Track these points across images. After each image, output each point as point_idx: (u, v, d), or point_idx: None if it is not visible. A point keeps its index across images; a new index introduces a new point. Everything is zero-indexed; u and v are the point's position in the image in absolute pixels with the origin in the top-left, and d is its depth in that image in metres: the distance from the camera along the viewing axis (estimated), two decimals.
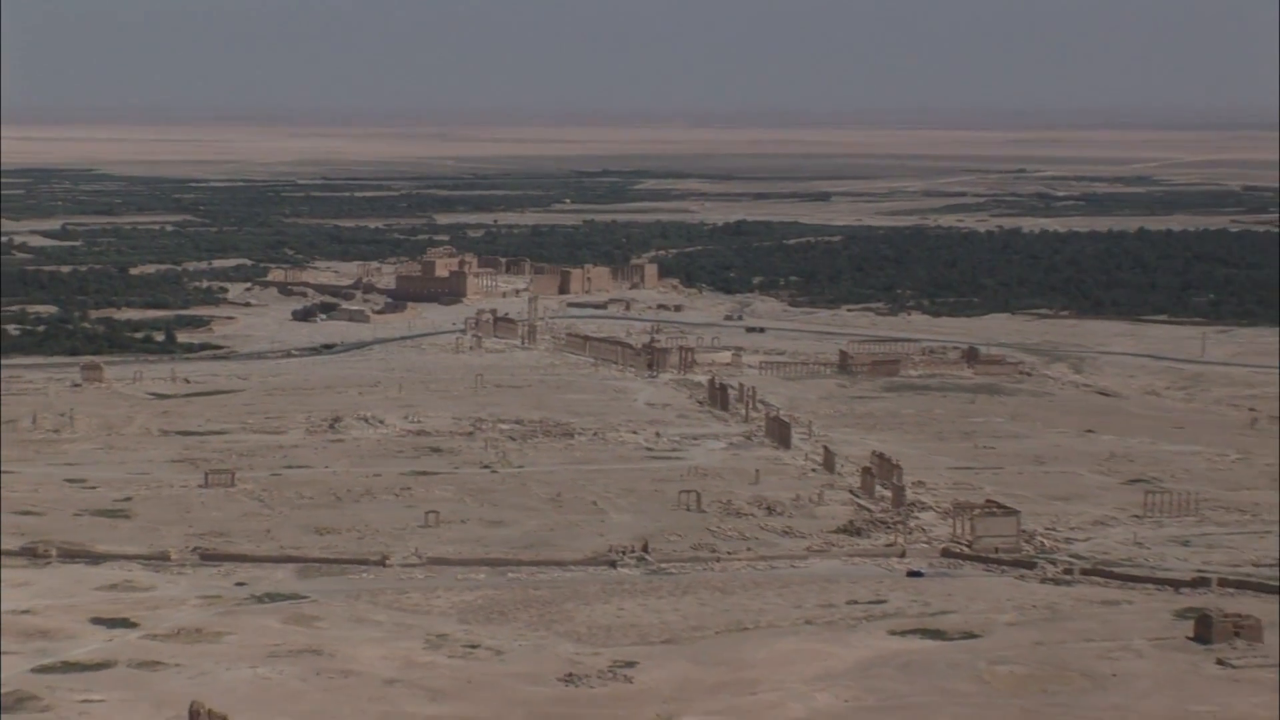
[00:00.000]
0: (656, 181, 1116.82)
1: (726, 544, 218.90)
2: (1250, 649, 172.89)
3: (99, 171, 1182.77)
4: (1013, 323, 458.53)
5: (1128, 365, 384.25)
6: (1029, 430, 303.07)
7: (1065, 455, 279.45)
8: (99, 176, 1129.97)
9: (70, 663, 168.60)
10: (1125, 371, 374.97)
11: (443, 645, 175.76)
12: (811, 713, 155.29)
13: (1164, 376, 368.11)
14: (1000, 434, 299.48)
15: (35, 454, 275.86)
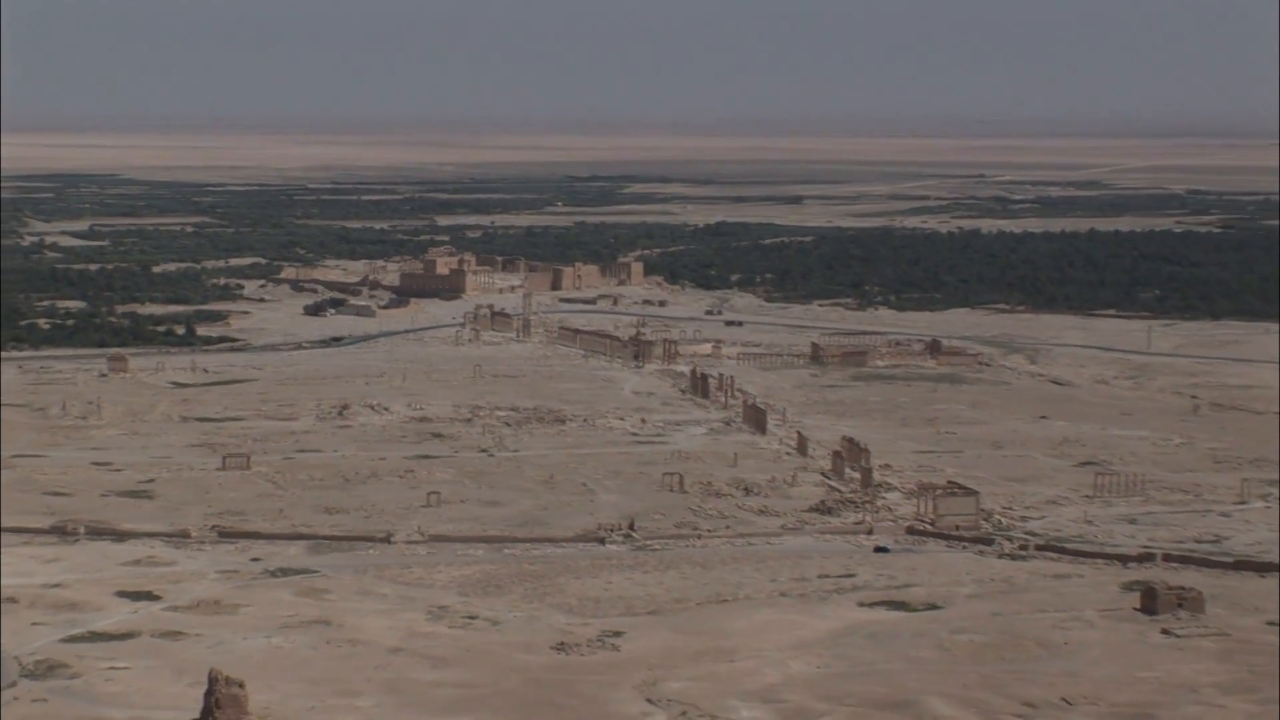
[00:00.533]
0: (642, 186, 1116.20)
1: (707, 522, 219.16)
2: (1193, 619, 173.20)
3: (124, 176, 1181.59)
4: (972, 317, 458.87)
5: (1079, 356, 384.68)
6: (987, 417, 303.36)
7: (1021, 440, 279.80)
8: (124, 181, 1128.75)
9: (97, 633, 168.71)
10: (1077, 362, 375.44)
11: (443, 616, 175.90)
12: (786, 679, 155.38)
13: (1112, 367, 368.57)
14: (961, 420, 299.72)
15: (65, 439, 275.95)
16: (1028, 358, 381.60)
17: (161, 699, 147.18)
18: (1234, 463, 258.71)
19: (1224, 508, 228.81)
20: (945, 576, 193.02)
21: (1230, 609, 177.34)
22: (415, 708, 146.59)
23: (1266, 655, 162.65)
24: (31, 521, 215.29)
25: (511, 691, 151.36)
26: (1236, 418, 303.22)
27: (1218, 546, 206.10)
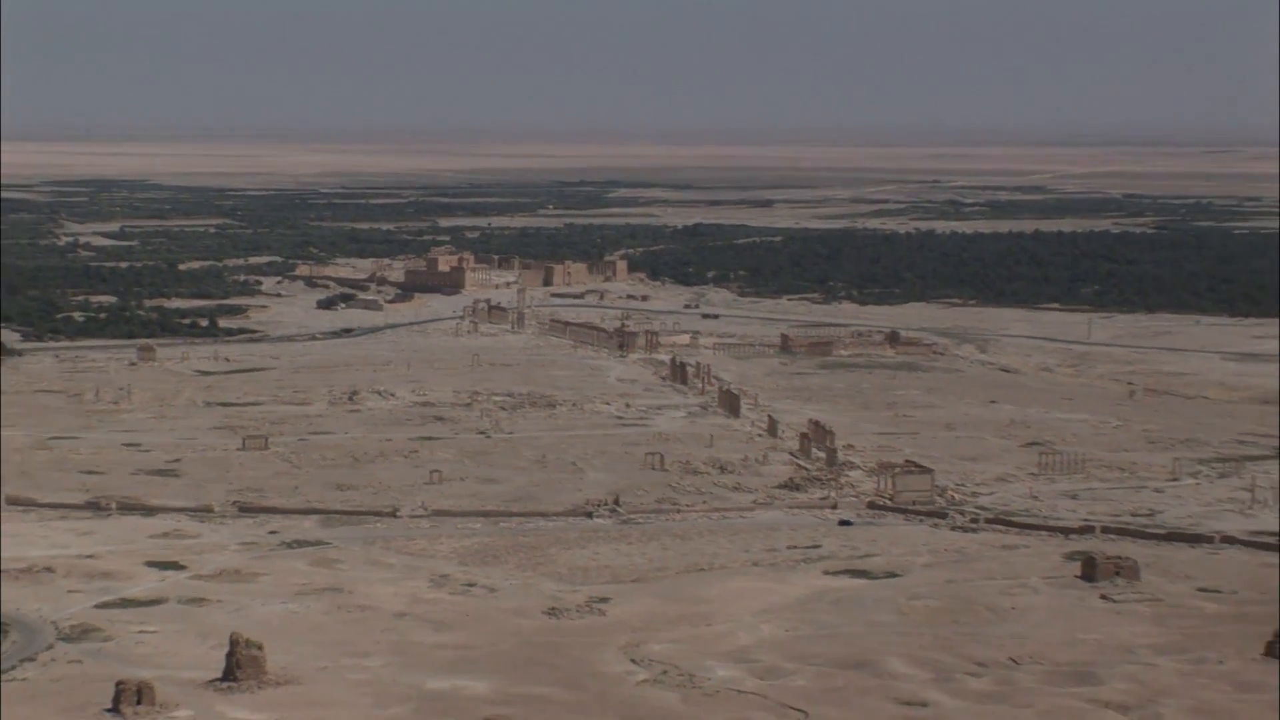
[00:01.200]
0: (626, 190, 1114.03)
1: (685, 498, 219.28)
2: (1129, 586, 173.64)
3: (151, 182, 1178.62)
4: (928, 310, 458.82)
5: (1025, 346, 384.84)
6: (941, 401, 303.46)
7: (972, 422, 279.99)
8: (151, 186, 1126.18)
9: (128, 599, 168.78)
10: (1023, 351, 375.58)
11: (445, 584, 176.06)
12: (757, 641, 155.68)
13: (1055, 355, 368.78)
14: (918, 404, 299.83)
15: (98, 422, 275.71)
16: (978, 347, 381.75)
17: (187, 660, 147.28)
18: (1166, 443, 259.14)
19: (1157, 484, 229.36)
20: (903, 547, 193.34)
21: (1163, 577, 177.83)
22: (419, 667, 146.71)
23: (1196, 619, 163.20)
24: (68, 497, 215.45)
25: (507, 652, 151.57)
26: (1169, 402, 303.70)
27: (1152, 520, 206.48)
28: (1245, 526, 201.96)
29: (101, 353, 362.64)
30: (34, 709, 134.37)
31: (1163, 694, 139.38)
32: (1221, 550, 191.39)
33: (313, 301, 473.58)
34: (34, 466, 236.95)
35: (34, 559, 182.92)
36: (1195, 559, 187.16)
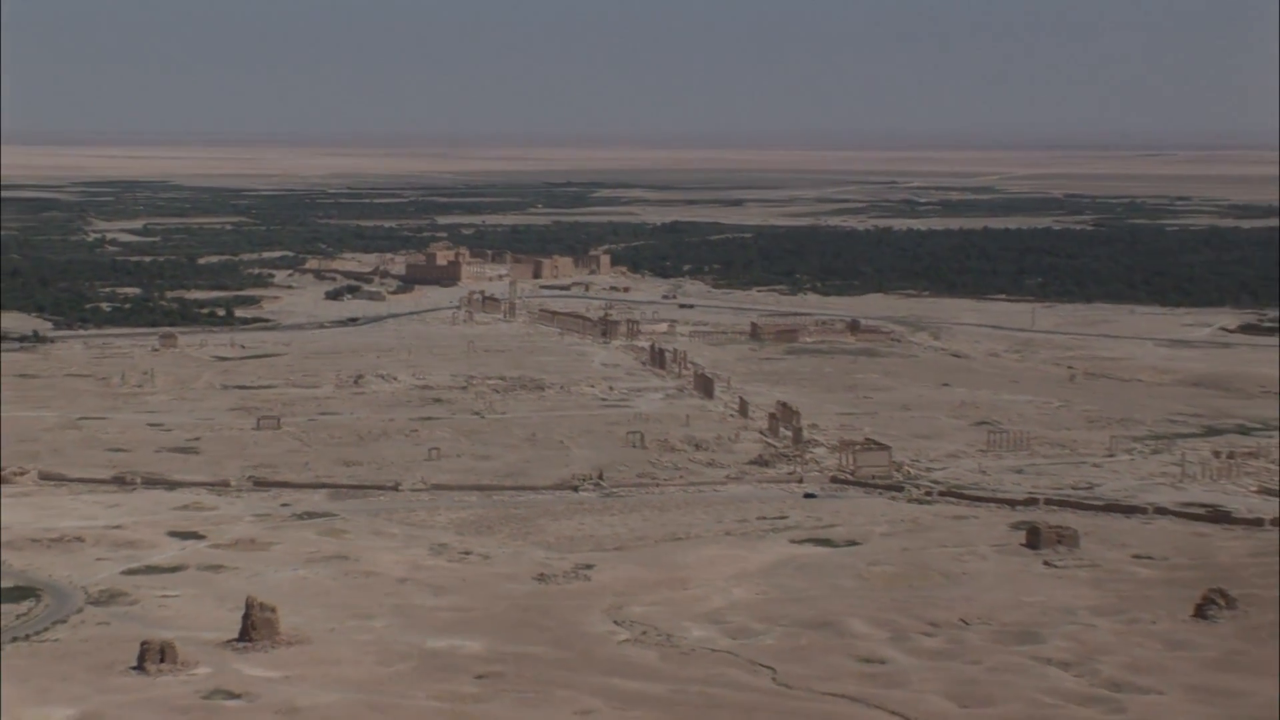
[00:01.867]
0: (609, 191, 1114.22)
1: (663, 473, 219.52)
2: (1070, 553, 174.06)
3: (172, 183, 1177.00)
4: (886, 300, 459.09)
5: (974, 333, 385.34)
6: (898, 384, 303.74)
7: (926, 403, 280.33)
8: (172, 187, 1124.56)
9: (152, 566, 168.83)
10: (973, 338, 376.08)
11: (443, 552, 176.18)
12: (730, 604, 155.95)
13: (1002, 342, 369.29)
14: (876, 387, 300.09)
15: (123, 404, 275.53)
16: (932, 335, 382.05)
17: (206, 622, 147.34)
18: (1104, 422, 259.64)
19: (1095, 460, 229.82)
20: (863, 518, 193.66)
21: (1101, 544, 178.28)
22: (419, 628, 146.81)
23: (1131, 584, 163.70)
24: (96, 473, 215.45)
25: (500, 615, 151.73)
26: (1106, 385, 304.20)
27: (1090, 492, 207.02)
28: (1176, 498, 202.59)
29: (127, 340, 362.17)
30: (65, 667, 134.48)
31: (1100, 652, 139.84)
32: (1154, 520, 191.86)
33: (321, 293, 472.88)
34: (64, 444, 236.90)
35: (65, 529, 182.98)
36: (1130, 528, 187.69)
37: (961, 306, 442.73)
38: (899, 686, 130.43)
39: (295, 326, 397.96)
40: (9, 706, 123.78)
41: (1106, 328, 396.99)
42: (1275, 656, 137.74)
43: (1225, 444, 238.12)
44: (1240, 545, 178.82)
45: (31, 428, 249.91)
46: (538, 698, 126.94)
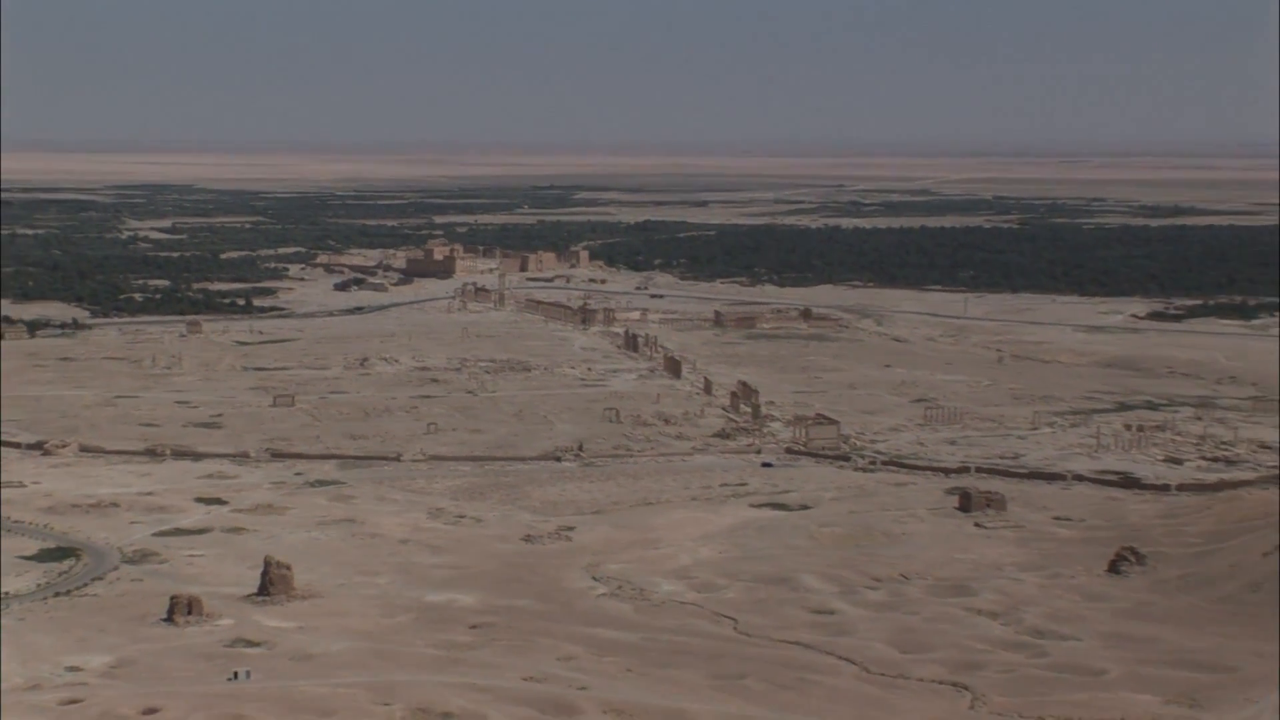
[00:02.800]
0: (588, 193, 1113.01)
1: (636, 445, 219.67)
2: (998, 515, 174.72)
3: (197, 186, 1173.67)
4: (835, 291, 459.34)
5: (913, 320, 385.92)
6: (846, 365, 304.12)
7: (871, 383, 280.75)
8: (198, 190, 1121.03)
9: (180, 529, 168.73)
10: (912, 324, 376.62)
11: (440, 516, 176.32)
12: (696, 561, 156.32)
13: (938, 328, 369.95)
14: (826, 368, 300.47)
15: (154, 384, 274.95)
16: (876, 321, 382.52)
17: (228, 578, 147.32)
18: (1028, 399, 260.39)
19: (1021, 432, 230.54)
20: (814, 484, 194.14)
21: (1025, 508, 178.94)
22: (419, 584, 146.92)
23: (1052, 542, 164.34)
24: (129, 445, 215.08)
25: (491, 572, 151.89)
26: (1030, 366, 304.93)
27: (1016, 461, 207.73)
28: (1092, 467, 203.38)
29: (157, 327, 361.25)
30: (103, 619, 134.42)
31: (1025, 603, 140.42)
32: (1072, 486, 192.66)
33: (330, 285, 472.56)
34: (102, 420, 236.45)
35: (101, 496, 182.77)
36: (1051, 493, 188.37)
37: (902, 296, 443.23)
38: (846, 635, 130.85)
39: (307, 315, 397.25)
40: (52, 654, 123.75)
41: (1030, 315, 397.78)
42: (1181, 607, 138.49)
43: (1135, 418, 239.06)
44: (1149, 508, 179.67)
45: (72, 405, 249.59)
46: (525, 645, 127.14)
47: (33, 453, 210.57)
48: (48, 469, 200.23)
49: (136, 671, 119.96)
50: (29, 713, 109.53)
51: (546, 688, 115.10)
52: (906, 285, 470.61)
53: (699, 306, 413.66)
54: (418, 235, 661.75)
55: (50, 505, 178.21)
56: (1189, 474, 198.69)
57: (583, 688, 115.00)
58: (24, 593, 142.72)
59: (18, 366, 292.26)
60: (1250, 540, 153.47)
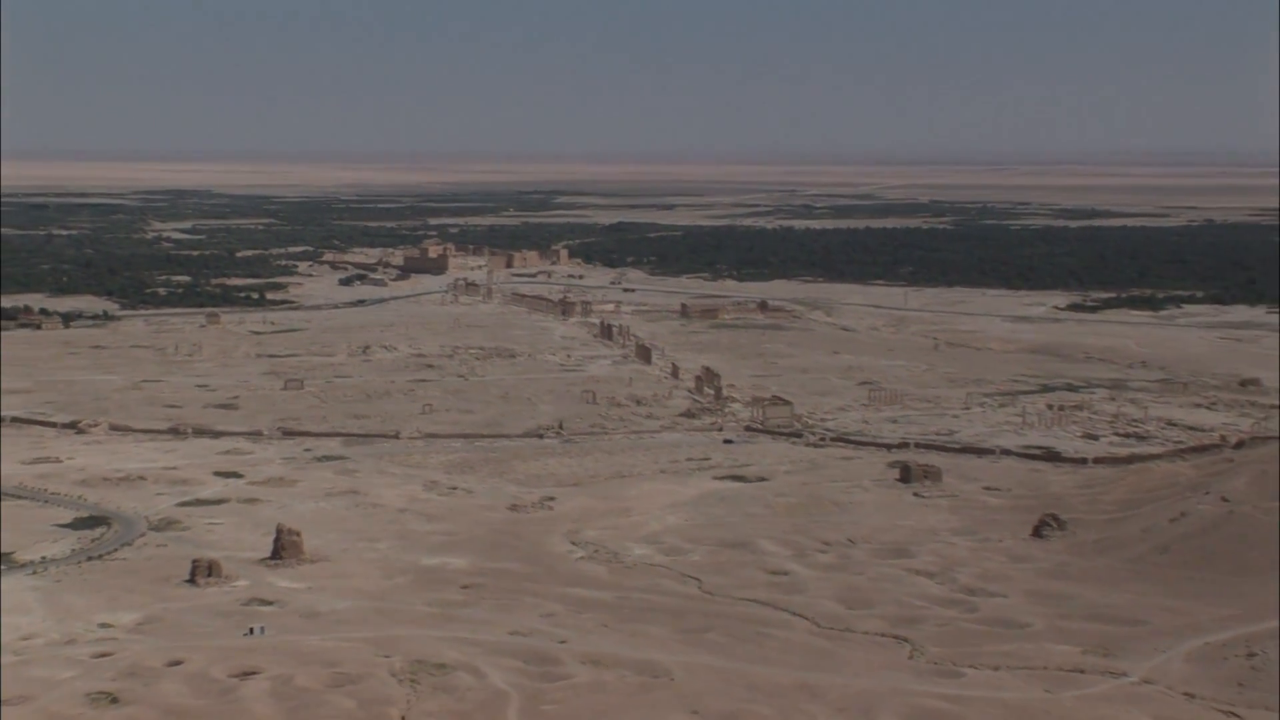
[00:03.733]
0: (567, 197, 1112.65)
1: (611, 423, 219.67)
2: (935, 486, 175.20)
3: (215, 191, 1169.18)
4: (789, 285, 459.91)
5: (859, 311, 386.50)
6: (799, 352, 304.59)
7: (820, 367, 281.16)
8: (215, 194, 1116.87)
9: (200, 500, 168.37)
10: (857, 315, 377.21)
11: (435, 487, 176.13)
12: (664, 528, 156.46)
13: (881, 318, 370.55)
14: (781, 355, 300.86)
15: (177, 369, 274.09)
16: (825, 312, 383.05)
17: (244, 544, 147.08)
18: (961, 382, 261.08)
19: (955, 412, 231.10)
20: (770, 459, 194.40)
21: (958, 479, 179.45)
22: (416, 549, 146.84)
23: (982, 510, 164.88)
24: (155, 425, 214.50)
25: (481, 537, 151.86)
26: (963, 352, 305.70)
27: (950, 437, 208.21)
28: (1018, 442, 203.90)
29: (179, 318, 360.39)
30: (132, 580, 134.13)
31: (958, 564, 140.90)
32: (1001, 460, 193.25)
33: (335, 280, 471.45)
34: (130, 402, 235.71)
35: (130, 470, 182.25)
36: (982, 466, 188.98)
37: (848, 290, 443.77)
38: (799, 593, 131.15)
39: (314, 307, 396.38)
40: (86, 612, 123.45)
41: (963, 306, 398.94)
42: (1097, 567, 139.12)
43: (1056, 399, 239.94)
44: (1068, 479, 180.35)
45: (103, 388, 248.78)
46: (511, 604, 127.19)
47: (67, 431, 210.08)
48: (81, 446, 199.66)
49: (162, 628, 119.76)
50: (65, 665, 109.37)
51: (530, 641, 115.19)
52: (852, 280, 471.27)
53: (667, 299, 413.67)
54: (414, 235, 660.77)
55: (83, 478, 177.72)
56: (1104, 448, 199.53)
57: (563, 641, 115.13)
58: (60, 557, 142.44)
59: (54, 354, 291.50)
60: (1159, 508, 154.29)
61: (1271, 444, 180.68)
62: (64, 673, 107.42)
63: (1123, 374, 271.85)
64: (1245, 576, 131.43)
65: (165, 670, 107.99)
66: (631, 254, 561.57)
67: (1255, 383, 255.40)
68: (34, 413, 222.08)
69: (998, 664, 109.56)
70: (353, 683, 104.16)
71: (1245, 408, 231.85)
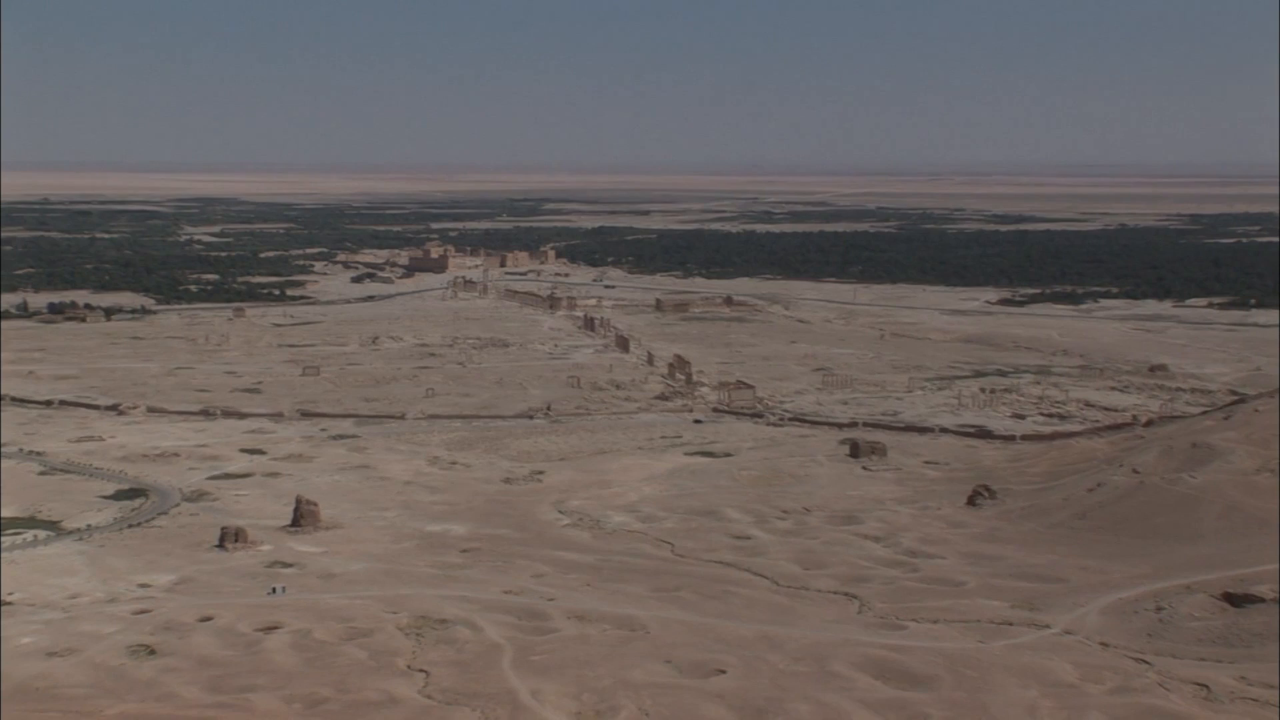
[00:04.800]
0: (554, 204, 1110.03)
1: (593, 405, 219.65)
2: (881, 460, 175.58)
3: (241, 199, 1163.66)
4: (751, 282, 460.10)
5: (814, 306, 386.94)
6: (760, 342, 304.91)
7: (780, 356, 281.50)
8: (241, 202, 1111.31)
9: (228, 474, 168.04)
10: (812, 309, 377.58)
11: (437, 462, 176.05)
12: (641, 498, 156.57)
13: (834, 311, 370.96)
14: (744, 344, 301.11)
15: (207, 357, 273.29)
16: (784, 306, 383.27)
17: (268, 513, 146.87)
18: (904, 368, 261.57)
19: (898, 394, 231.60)
20: (735, 436, 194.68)
21: (902, 454, 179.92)
22: (420, 517, 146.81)
23: (923, 481, 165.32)
24: (187, 407, 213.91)
25: (478, 507, 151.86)
26: (906, 342, 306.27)
27: (895, 417, 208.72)
28: (954, 421, 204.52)
29: (209, 312, 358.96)
30: (168, 545, 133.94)
31: (901, 530, 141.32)
32: (939, 437, 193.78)
33: (347, 278, 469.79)
34: (165, 387, 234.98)
35: (165, 447, 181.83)
36: (922, 443, 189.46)
37: (804, 286, 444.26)
38: (760, 555, 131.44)
39: (329, 302, 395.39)
40: (127, 574, 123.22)
41: (906, 301, 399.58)
42: (1023, 532, 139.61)
43: (988, 383, 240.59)
44: (998, 454, 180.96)
45: (141, 375, 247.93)
46: (504, 565, 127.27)
47: (110, 413, 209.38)
48: (122, 426, 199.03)
49: (194, 587, 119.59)
50: (109, 621, 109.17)
51: (522, 599, 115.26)
52: (808, 277, 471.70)
53: (643, 295, 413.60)
54: (418, 238, 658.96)
55: (124, 455, 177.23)
56: (1030, 427, 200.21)
57: (551, 599, 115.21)
58: (104, 525, 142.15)
59: (97, 344, 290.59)
60: (1078, 479, 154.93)
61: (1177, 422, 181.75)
62: (107, 628, 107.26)
63: (1047, 361, 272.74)
64: (1153, 539, 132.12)
65: (197, 625, 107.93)
66: (612, 255, 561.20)
67: (1163, 368, 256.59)
68: (80, 396, 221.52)
69: (936, 618, 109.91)
70: (364, 636, 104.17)
71: (1154, 390, 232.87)
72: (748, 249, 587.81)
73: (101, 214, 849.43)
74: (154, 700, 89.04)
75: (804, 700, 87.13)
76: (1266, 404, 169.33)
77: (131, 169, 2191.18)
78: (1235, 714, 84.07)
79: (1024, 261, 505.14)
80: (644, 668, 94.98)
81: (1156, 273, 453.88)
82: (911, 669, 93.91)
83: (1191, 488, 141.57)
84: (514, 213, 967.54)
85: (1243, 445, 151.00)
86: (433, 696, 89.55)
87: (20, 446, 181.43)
